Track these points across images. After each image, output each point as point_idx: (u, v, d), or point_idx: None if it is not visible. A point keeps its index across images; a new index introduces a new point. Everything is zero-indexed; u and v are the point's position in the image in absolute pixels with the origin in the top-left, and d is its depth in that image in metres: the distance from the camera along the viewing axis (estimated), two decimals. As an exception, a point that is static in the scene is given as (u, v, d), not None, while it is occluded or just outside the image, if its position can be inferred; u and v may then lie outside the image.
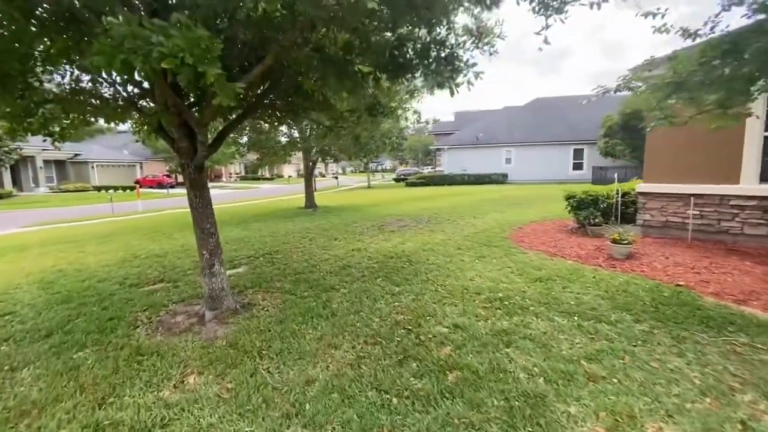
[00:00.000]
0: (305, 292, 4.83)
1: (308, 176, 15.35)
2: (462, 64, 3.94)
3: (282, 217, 12.91)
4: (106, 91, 3.98)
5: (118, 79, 3.67)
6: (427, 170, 49.73)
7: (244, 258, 6.95)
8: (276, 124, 5.59)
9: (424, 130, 72.21)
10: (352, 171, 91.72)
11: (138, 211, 16.86)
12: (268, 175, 57.57)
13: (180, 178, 45.00)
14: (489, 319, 3.76)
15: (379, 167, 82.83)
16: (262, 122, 5.23)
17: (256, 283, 5.29)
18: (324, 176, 68.74)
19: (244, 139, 13.25)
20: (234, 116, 4.73)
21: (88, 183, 34.93)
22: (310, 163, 15.22)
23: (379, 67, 4.09)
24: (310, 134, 13.30)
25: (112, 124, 4.44)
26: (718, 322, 3.47)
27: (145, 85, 3.71)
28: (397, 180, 41.93)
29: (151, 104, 4.12)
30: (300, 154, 15.93)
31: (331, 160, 15.56)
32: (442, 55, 3.94)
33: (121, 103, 3.97)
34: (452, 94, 3.97)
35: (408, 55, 4.01)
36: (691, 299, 4.01)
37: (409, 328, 3.64)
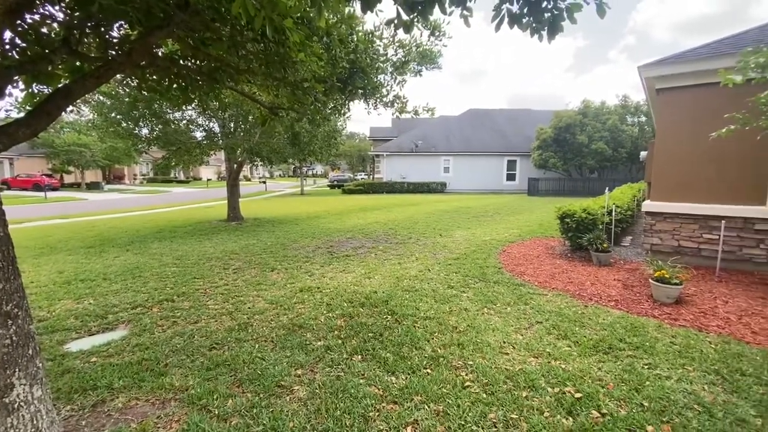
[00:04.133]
0: (228, 401, 2.60)
1: (232, 181, 12.53)
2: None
3: (196, 233, 10.02)
4: None
5: None
6: (361, 176, 48.15)
7: (127, 309, 4.38)
8: (180, 98, 3.24)
9: (356, 137, 70.75)
10: (281, 175, 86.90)
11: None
12: (182, 178, 51.10)
13: (69, 179, 37.37)
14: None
15: (310, 172, 79.60)
16: (148, 89, 2.84)
17: (133, 375, 2.90)
18: (249, 180, 63.55)
19: (144, 131, 10.11)
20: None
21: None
22: (235, 165, 12.43)
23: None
24: (236, 128, 10.64)
25: None
26: None
27: None
28: (331, 186, 39.60)
29: None
30: (222, 154, 13.06)
31: (262, 163, 12.93)
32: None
33: None
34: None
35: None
36: None
37: None
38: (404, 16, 2.05)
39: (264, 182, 43.16)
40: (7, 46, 2.27)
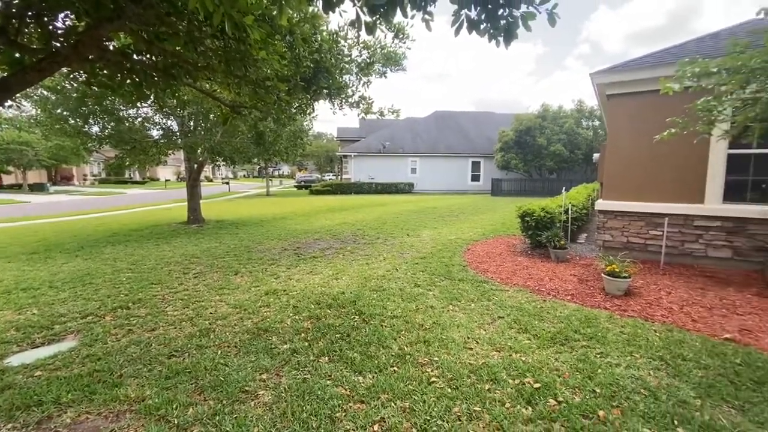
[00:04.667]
0: (189, 410, 2.50)
1: (192, 182, 12.03)
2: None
3: (154, 236, 9.55)
4: None
5: None
6: (329, 177, 47.72)
7: (77, 318, 4.11)
8: (134, 95, 3.09)
9: (323, 137, 69.95)
10: (245, 176, 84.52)
11: None
12: (138, 178, 48.48)
13: (9, 180, 34.30)
14: (561, 457, 2.08)
15: (276, 172, 77.96)
16: (98, 85, 2.69)
17: (84, 388, 2.72)
18: (211, 181, 61.30)
19: (94, 128, 9.50)
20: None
21: None
22: (195, 166, 11.95)
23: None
24: (196, 127, 10.24)
25: None
26: None
27: None
28: (298, 187, 38.96)
29: None
30: (181, 154, 12.52)
31: (224, 163, 12.51)
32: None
33: None
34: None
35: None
36: (765, 363, 2.98)
37: None
38: (366, 18, 2.06)
39: (227, 183, 41.81)
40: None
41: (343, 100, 5.77)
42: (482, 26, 2.02)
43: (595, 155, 17.13)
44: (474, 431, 2.29)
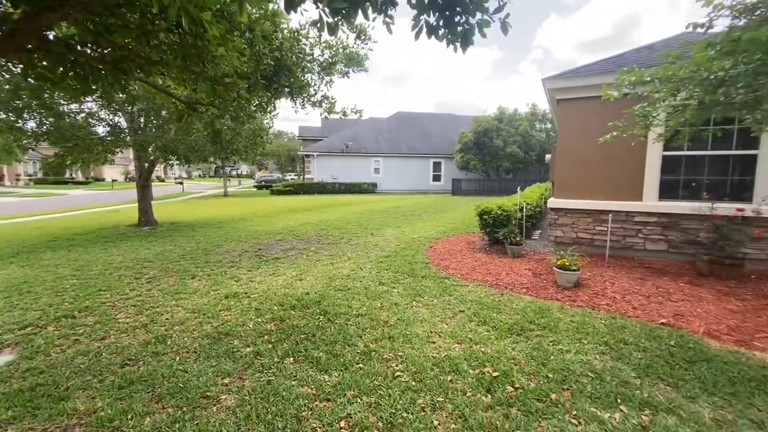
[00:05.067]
0: (146, 419, 2.40)
1: (143, 181, 11.36)
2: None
3: (100, 240, 8.93)
4: None
5: None
6: (290, 177, 46.81)
7: (14, 330, 3.78)
8: (78, 88, 2.89)
9: (284, 135, 68.43)
10: (201, 175, 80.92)
11: None
12: (81, 178, 44.99)
13: None
14: (518, 439, 2.21)
15: (234, 172, 75.33)
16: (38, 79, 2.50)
17: (26, 404, 2.52)
18: (163, 181, 58.14)
19: (30, 124, 8.72)
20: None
21: None
22: (146, 165, 11.29)
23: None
24: (147, 124, 9.68)
25: None
26: (763, 384, 2.73)
27: None
28: (258, 187, 37.90)
29: None
30: (130, 152, 11.77)
31: (177, 162, 11.91)
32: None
33: None
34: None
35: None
36: (696, 344, 3.32)
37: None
38: (328, 19, 2.09)
39: (181, 183, 39.80)
40: None
41: (306, 99, 5.72)
42: (441, 32, 2.11)
43: (547, 156, 18.09)
44: (438, 421, 2.37)
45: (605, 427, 2.30)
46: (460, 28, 2.06)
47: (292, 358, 3.18)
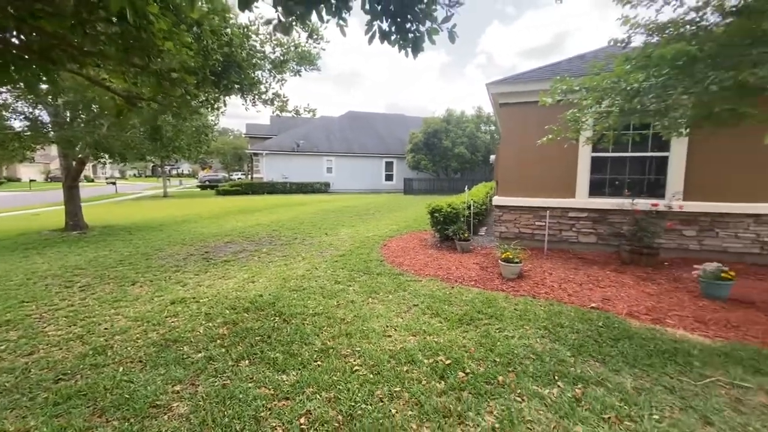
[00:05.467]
0: (88, 435, 2.25)
1: (71, 182, 10.33)
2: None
3: (20, 247, 8.02)
4: None
5: None
6: (238, 176, 44.89)
7: None
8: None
9: (230, 133, 65.30)
10: (136, 175, 74.95)
11: None
12: (-10, 178, 39.78)
13: None
14: (477, 423, 2.38)
15: (175, 171, 70.72)
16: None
17: (-64, 435, 2.25)
18: (92, 181, 53.15)
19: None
20: None
21: None
22: (74, 163, 10.28)
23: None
24: (75, 118, 8.83)
25: None
26: (673, 355, 3.16)
27: None
28: (202, 187, 35.90)
29: None
30: (53, 149, 10.65)
31: (111, 160, 10.99)
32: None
33: None
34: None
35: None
36: (620, 324, 3.75)
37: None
38: (282, 19, 2.10)
39: (113, 183, 36.62)
40: None
41: (257, 97, 5.57)
42: (393, 37, 2.20)
43: (492, 157, 19.08)
44: (395, 409, 2.48)
45: (545, 402, 2.54)
46: (411, 35, 2.17)
47: (247, 361, 3.12)
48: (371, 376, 2.86)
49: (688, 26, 3.80)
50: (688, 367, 2.97)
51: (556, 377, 2.84)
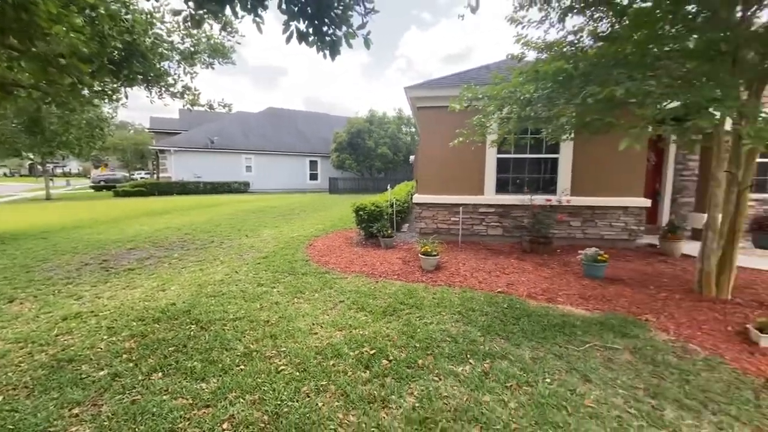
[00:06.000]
0: (-41, 477, 1.93)
1: None
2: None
3: None
4: None
5: None
6: (141, 176, 40.36)
7: None
8: None
9: (130, 127, 58.12)
10: (7, 174, 63.19)
11: None
12: None
13: None
14: (399, 405, 2.54)
15: (60, 170, 61.19)
16: None
17: None
18: (-56, 182, 43.52)
19: None
20: None
21: None
22: None
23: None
24: None
25: None
26: (562, 328, 3.71)
27: None
28: (97, 188, 31.57)
29: None
30: None
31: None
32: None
33: None
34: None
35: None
36: (521, 305, 4.26)
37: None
38: (192, 11, 2.02)
39: (-24, 185, 30.37)
40: None
41: (164, 89, 5.11)
42: (311, 38, 2.26)
43: (412, 157, 19.92)
44: (322, 402, 2.54)
45: (459, 378, 2.82)
46: (328, 38, 2.25)
47: (161, 373, 2.91)
48: (297, 373, 2.88)
49: (568, 47, 4.47)
50: (572, 336, 3.52)
51: (468, 355, 3.15)
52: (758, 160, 7.61)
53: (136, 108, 50.36)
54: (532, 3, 4.23)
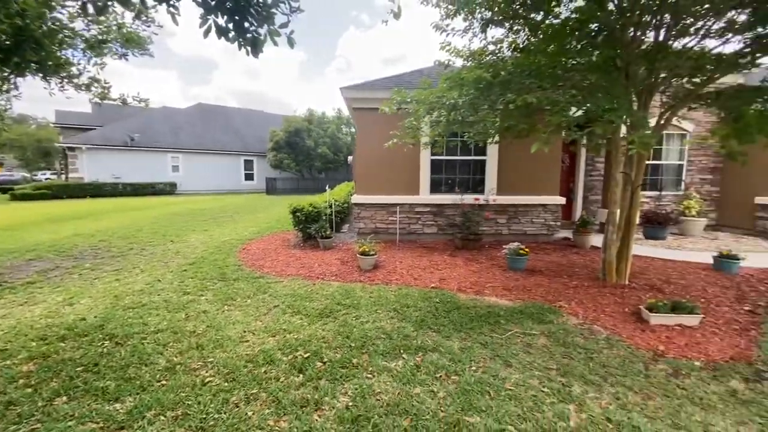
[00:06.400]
0: None
1: None
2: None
3: None
4: None
5: None
6: (45, 177, 35.54)
7: None
8: None
9: (30, 120, 50.62)
10: None
11: None
12: None
13: None
14: (333, 406, 2.54)
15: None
16: None
17: None
18: None
19: None
20: None
21: None
22: None
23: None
24: None
25: None
26: (488, 318, 3.97)
27: None
28: (-13, 191, 27.11)
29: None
30: None
31: None
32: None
33: None
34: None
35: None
36: (452, 298, 4.49)
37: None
38: (94, -2, 1.85)
39: None
40: None
41: (66, 80, 4.55)
42: (230, 34, 2.17)
43: (350, 157, 19.93)
44: (252, 411, 2.46)
45: (392, 374, 2.90)
46: (249, 35, 2.18)
47: (65, 397, 2.61)
48: (226, 384, 2.76)
49: (490, 56, 4.80)
50: (497, 325, 3.78)
51: (402, 351, 3.25)
52: (650, 162, 8.82)
53: (40, 100, 44.20)
54: (456, 12, 4.48)
